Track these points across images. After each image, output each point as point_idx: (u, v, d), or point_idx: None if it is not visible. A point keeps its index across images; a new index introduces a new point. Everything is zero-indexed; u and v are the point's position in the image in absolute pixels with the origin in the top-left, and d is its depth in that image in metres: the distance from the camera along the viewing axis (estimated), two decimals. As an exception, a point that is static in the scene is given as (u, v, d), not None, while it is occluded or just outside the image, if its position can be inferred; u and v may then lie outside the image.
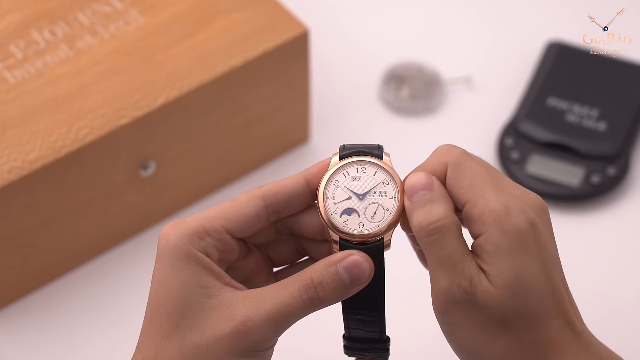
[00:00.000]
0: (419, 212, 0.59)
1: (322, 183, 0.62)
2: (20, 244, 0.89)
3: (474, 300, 0.58)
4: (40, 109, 0.88)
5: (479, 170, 0.60)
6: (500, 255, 0.58)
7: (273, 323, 0.59)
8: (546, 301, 0.59)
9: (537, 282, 0.58)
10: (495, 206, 0.58)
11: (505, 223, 0.58)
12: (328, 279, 0.59)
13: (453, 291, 0.58)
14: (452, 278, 0.58)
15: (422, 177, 0.60)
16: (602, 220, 0.98)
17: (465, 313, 0.59)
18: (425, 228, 0.59)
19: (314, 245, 0.65)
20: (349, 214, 0.61)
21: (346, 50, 1.12)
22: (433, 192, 0.60)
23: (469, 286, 0.58)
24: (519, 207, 0.59)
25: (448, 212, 0.59)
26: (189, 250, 0.61)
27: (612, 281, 0.94)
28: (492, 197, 0.59)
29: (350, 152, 0.63)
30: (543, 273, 0.59)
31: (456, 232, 0.59)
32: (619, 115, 1.02)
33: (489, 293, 0.58)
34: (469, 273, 0.58)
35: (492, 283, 0.58)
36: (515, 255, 0.58)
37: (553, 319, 0.59)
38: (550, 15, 1.15)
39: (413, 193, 0.60)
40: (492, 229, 0.58)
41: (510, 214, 0.58)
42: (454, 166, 0.60)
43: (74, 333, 0.91)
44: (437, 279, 0.59)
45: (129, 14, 0.94)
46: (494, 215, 0.58)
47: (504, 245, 0.58)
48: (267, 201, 0.62)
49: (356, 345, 0.63)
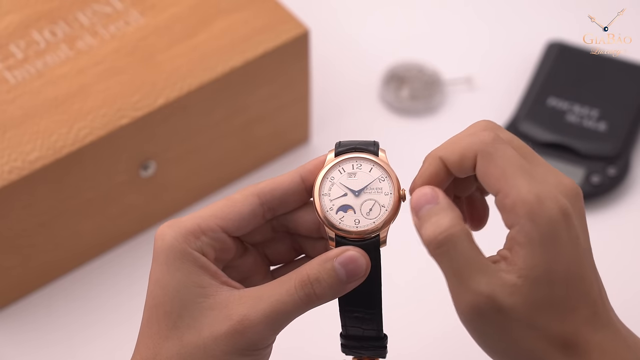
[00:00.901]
0: (427, 225, 0.58)
1: (317, 180, 0.62)
2: (20, 244, 0.89)
3: (498, 305, 0.57)
4: (40, 109, 0.88)
5: (510, 158, 0.58)
6: (532, 247, 0.57)
7: (270, 321, 0.59)
8: (573, 291, 0.58)
9: (566, 272, 0.57)
10: (527, 197, 0.57)
11: (538, 214, 0.57)
12: (324, 275, 0.59)
13: (474, 302, 0.57)
14: (469, 288, 0.57)
15: (426, 191, 0.59)
16: (602, 220, 0.98)
17: (491, 320, 0.57)
18: (434, 240, 0.57)
19: (309, 242, 0.65)
20: (345, 211, 0.61)
21: (346, 50, 1.12)
22: (438, 204, 0.59)
23: (491, 292, 0.57)
24: (552, 196, 0.57)
25: (454, 220, 0.58)
26: (184, 250, 0.61)
27: (612, 281, 0.93)
28: (524, 186, 0.57)
29: (345, 148, 0.62)
30: (573, 263, 0.58)
31: (466, 239, 0.58)
32: (619, 115, 1.02)
33: (512, 293, 0.57)
34: (485, 280, 0.57)
35: (520, 277, 0.57)
36: (546, 247, 0.57)
37: (581, 309, 0.58)
38: (550, 15, 1.15)
39: (418, 208, 0.59)
40: (524, 221, 0.57)
41: (542, 205, 0.57)
42: (483, 154, 0.59)
43: (74, 333, 0.91)
44: (456, 291, 0.58)
45: (129, 14, 0.94)
46: (526, 207, 0.57)
47: (535, 236, 0.57)
48: (262, 198, 0.62)
49: (353, 343, 0.63)
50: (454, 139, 0.61)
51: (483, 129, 0.60)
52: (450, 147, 0.60)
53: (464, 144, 0.60)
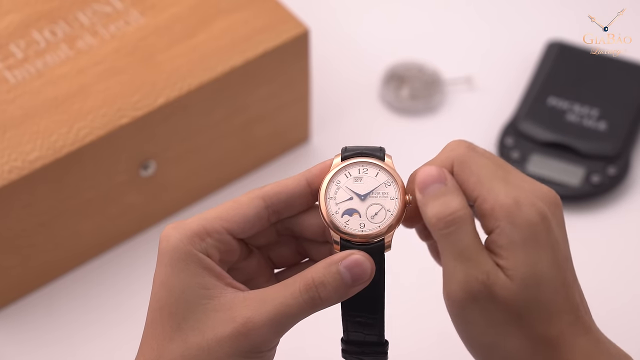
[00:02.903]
0: (434, 204, 0.59)
1: (323, 183, 0.62)
2: (20, 244, 0.89)
3: (492, 294, 0.58)
4: (40, 109, 0.88)
5: (485, 164, 0.60)
6: (514, 249, 0.58)
7: (274, 324, 0.59)
8: (558, 295, 0.58)
9: (550, 276, 0.58)
10: (505, 200, 0.58)
11: (517, 217, 0.58)
12: (329, 278, 0.59)
13: (471, 285, 0.58)
14: (469, 271, 0.58)
15: (433, 170, 0.60)
16: (602, 220, 0.98)
17: (482, 307, 0.58)
18: (443, 219, 0.58)
19: (314, 246, 0.65)
20: (350, 214, 0.61)
21: (346, 50, 1.12)
22: (446, 184, 0.60)
23: (487, 279, 0.58)
24: (529, 200, 0.58)
25: (463, 203, 0.59)
26: (189, 251, 0.60)
27: (612, 281, 0.94)
28: (502, 191, 0.58)
29: (352, 153, 0.63)
30: (555, 267, 0.58)
31: (472, 224, 0.59)
32: (619, 115, 1.02)
33: (506, 287, 0.58)
34: (486, 267, 0.58)
35: (509, 277, 0.58)
36: (528, 249, 0.58)
37: (564, 313, 0.59)
38: (550, 15, 1.15)
39: (425, 186, 0.60)
40: (504, 224, 0.58)
41: (520, 208, 0.58)
42: (459, 162, 0.60)
43: (74, 333, 0.91)
44: (454, 273, 0.58)
45: (129, 13, 0.94)
46: (504, 210, 0.58)
47: (517, 238, 0.58)
48: (268, 201, 0.62)
49: (354, 349, 0.63)
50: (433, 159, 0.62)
51: (457, 145, 0.61)
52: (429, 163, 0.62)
53: (441, 157, 0.61)
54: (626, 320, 0.92)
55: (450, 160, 0.61)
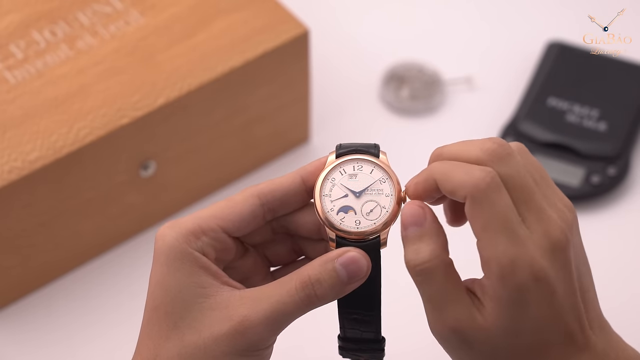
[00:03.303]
0: (409, 249, 0.59)
1: (318, 180, 0.62)
2: (20, 244, 0.89)
3: (464, 338, 0.58)
4: (40, 109, 0.88)
5: (497, 212, 0.57)
6: (498, 303, 0.57)
7: (270, 322, 0.59)
8: (543, 335, 0.58)
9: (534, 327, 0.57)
10: (501, 259, 0.56)
11: (508, 280, 0.56)
12: (325, 276, 0.59)
13: (441, 330, 0.58)
14: (439, 318, 0.58)
15: (415, 210, 0.59)
16: (602, 220, 0.98)
17: (457, 349, 0.59)
18: (413, 268, 0.59)
19: (310, 244, 0.65)
20: (345, 212, 0.61)
21: (346, 50, 1.12)
22: (423, 227, 0.59)
23: (458, 326, 0.58)
24: (527, 260, 0.56)
25: (436, 252, 0.58)
26: (185, 250, 0.60)
27: (612, 281, 0.94)
28: (501, 246, 0.56)
29: (346, 150, 0.62)
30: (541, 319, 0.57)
31: (443, 274, 0.58)
32: (619, 115, 1.02)
33: (482, 329, 0.57)
34: (455, 315, 0.58)
35: (488, 321, 0.57)
36: (512, 309, 0.57)
37: (551, 346, 0.58)
38: (550, 15, 1.15)
39: (406, 227, 0.59)
40: (494, 280, 0.57)
41: (514, 270, 0.56)
42: (472, 199, 0.57)
43: (74, 333, 0.91)
44: (429, 317, 0.59)
45: (129, 14, 0.94)
46: (498, 268, 0.57)
47: (503, 298, 0.57)
48: (263, 199, 0.62)
49: (351, 346, 0.63)
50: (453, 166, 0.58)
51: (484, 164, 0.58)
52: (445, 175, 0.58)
53: (458, 179, 0.58)
54: (626, 320, 0.91)
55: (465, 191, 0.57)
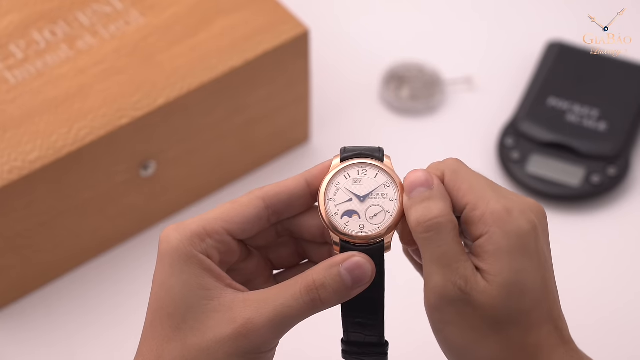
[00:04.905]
0: (417, 207, 0.60)
1: (322, 184, 0.62)
2: (20, 244, 0.89)
3: (469, 299, 0.58)
4: (40, 109, 0.88)
5: (476, 175, 0.61)
6: (500, 255, 0.58)
7: (274, 325, 0.59)
8: (540, 305, 0.59)
9: (534, 285, 0.59)
10: (496, 207, 0.59)
11: (507, 223, 0.58)
12: (330, 280, 0.59)
13: (447, 289, 0.59)
14: (447, 276, 0.59)
15: (421, 174, 0.61)
16: (602, 220, 0.98)
17: (458, 311, 0.59)
18: (423, 224, 0.59)
19: (314, 247, 0.65)
20: (350, 216, 0.61)
21: (346, 50, 1.12)
22: (432, 189, 0.60)
23: (464, 285, 0.58)
24: (519, 209, 0.59)
25: (446, 210, 0.59)
26: (189, 252, 0.60)
27: (612, 281, 0.94)
28: (493, 199, 0.59)
29: (351, 154, 0.63)
30: (540, 277, 0.59)
31: (452, 231, 0.59)
32: (619, 115, 1.02)
33: (485, 292, 0.58)
34: (464, 272, 0.58)
35: (490, 282, 0.58)
36: (515, 256, 0.58)
37: (544, 323, 0.59)
38: (550, 15, 1.15)
39: (411, 189, 0.60)
40: (493, 229, 0.58)
41: (511, 215, 0.59)
42: (451, 171, 0.61)
43: (74, 333, 0.91)
44: (431, 276, 0.59)
45: (129, 14, 0.94)
46: (495, 216, 0.58)
47: (505, 245, 0.58)
48: (268, 202, 0.62)
49: (354, 349, 0.63)
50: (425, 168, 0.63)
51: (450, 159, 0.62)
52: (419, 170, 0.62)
53: (433, 166, 0.62)
54: (627, 320, 0.92)
55: (442, 169, 0.61)
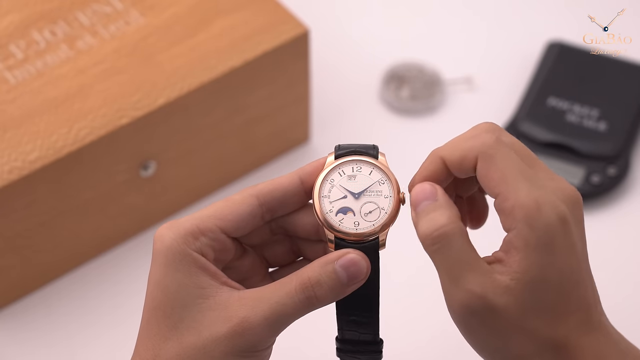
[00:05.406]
0: (423, 221, 0.59)
1: (317, 182, 0.62)
2: (20, 244, 0.89)
3: (488, 304, 0.57)
4: (40, 109, 0.88)
5: (511, 161, 0.59)
6: (528, 253, 0.57)
7: (270, 323, 0.59)
8: (566, 297, 0.58)
9: (560, 279, 0.57)
10: (525, 201, 0.57)
11: (536, 219, 0.57)
12: (325, 278, 0.59)
13: (465, 300, 0.57)
14: (461, 287, 0.57)
15: (425, 187, 0.60)
16: (602, 220, 0.98)
17: (481, 318, 0.58)
18: (429, 236, 0.58)
19: (308, 245, 0.65)
20: (344, 213, 0.61)
21: (346, 50, 1.12)
22: (436, 200, 0.59)
23: (481, 291, 0.57)
24: (550, 202, 0.57)
25: (451, 218, 0.58)
26: (184, 251, 0.60)
27: (612, 281, 0.94)
28: (524, 191, 0.57)
29: (345, 151, 0.62)
30: (568, 269, 0.58)
31: (461, 237, 0.58)
32: (619, 115, 1.02)
33: (505, 293, 0.57)
34: (478, 279, 0.57)
35: (515, 280, 0.57)
36: (542, 252, 0.57)
37: (573, 314, 0.58)
38: (550, 15, 1.15)
39: (417, 204, 0.59)
40: (521, 225, 0.57)
41: (540, 210, 0.57)
42: (484, 157, 0.59)
43: (74, 333, 0.92)
44: (448, 289, 0.58)
45: (129, 14, 0.94)
46: (524, 211, 0.57)
47: (532, 241, 0.57)
48: (261, 199, 0.62)
49: (349, 347, 0.63)
50: (456, 140, 0.61)
51: (485, 131, 0.60)
52: (451, 148, 0.61)
53: (465, 145, 0.60)
54: (626, 320, 0.91)
55: (475, 151, 0.59)
